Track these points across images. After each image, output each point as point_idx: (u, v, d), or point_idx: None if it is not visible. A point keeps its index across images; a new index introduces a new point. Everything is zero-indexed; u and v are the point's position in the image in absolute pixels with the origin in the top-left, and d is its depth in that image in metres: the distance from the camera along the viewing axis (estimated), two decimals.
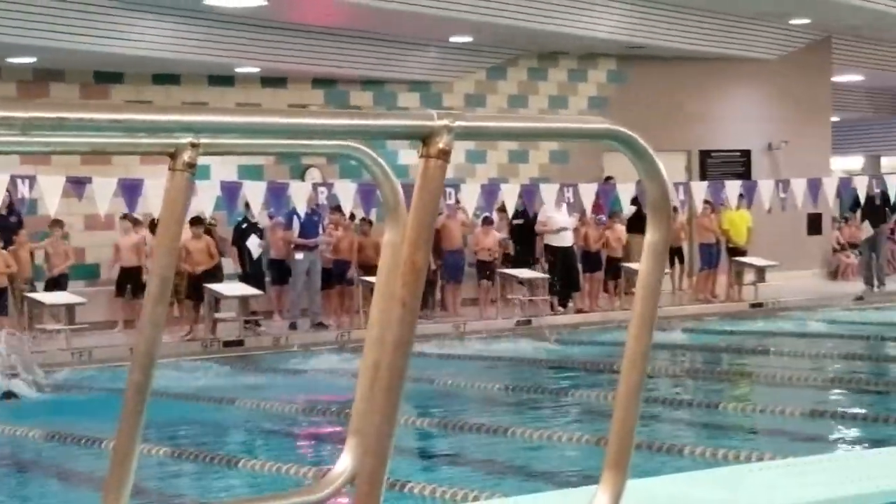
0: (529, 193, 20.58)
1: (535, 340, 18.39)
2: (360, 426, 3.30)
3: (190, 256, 18.73)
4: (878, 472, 4.82)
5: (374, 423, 2.47)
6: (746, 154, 27.04)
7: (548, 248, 21.61)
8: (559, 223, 21.29)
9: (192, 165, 2.84)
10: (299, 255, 19.68)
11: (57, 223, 18.66)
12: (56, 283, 18.65)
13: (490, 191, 20.26)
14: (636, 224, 23.28)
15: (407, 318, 2.52)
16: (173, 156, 2.78)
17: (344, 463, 3.22)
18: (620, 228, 22.35)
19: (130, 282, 19.01)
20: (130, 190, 16.73)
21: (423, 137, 2.59)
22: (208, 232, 19.43)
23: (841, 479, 4.26)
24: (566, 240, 21.51)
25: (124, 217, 18.86)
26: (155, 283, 2.83)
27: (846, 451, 9.47)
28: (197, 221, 18.58)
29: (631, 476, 2.85)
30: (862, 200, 24.61)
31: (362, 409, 3.39)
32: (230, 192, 17.88)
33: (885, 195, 23.82)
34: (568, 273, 21.59)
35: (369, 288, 17.28)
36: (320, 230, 19.97)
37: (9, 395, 14.04)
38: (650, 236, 2.87)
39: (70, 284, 19.03)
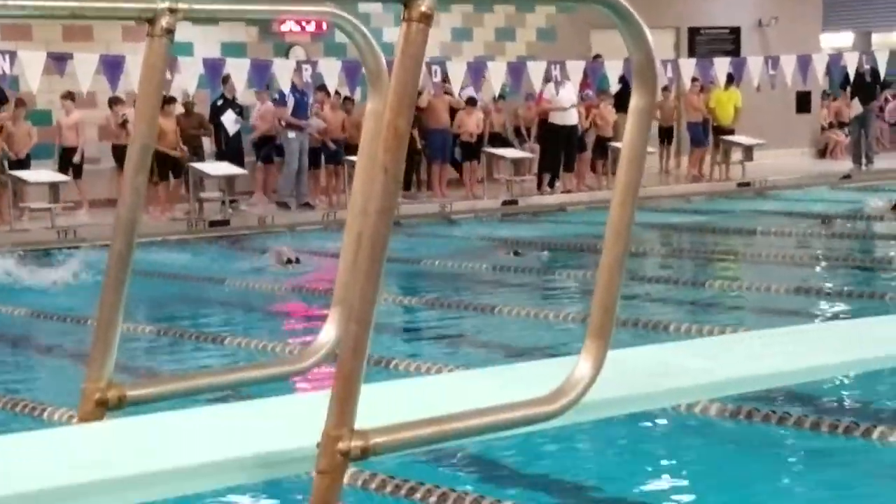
0: (516, 71, 20.43)
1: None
2: (344, 296, 3.31)
3: (163, 136, 18.63)
4: (856, 342, 4.86)
5: (358, 290, 2.46)
6: (736, 31, 26.83)
7: (551, 126, 21.44)
8: (566, 101, 21.15)
9: (170, 31, 2.80)
10: (292, 135, 19.56)
11: (21, 103, 18.34)
12: (20, 165, 18.30)
13: (476, 69, 20.11)
14: (624, 102, 23.18)
15: (389, 185, 2.50)
16: (152, 21, 2.74)
17: (328, 333, 3.23)
18: (608, 107, 22.24)
19: (70, 161, 18.76)
20: (112, 66, 16.56)
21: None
22: (188, 112, 19.27)
23: (820, 348, 4.30)
24: (572, 118, 21.39)
25: (66, 96, 18.49)
26: (135, 151, 2.80)
27: (826, 323, 9.53)
28: (170, 101, 18.37)
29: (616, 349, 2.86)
30: (851, 78, 24.47)
31: (346, 280, 3.39)
32: (213, 69, 17.72)
33: (875, 72, 23.71)
34: (567, 152, 21.51)
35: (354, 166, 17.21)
36: (308, 111, 19.86)
37: None
38: (635, 102, 2.85)
39: (50, 163, 18.81)
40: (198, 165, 18.56)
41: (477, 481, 6.37)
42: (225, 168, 18.89)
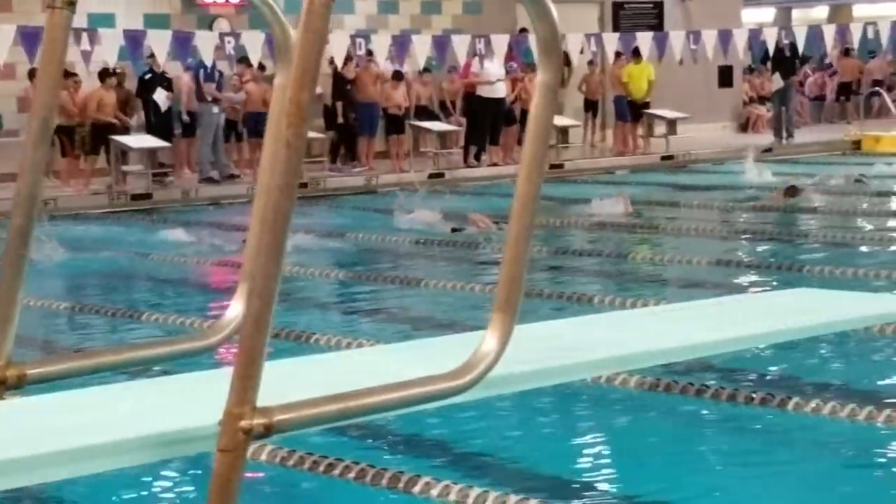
0: (441, 44, 20.38)
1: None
2: (252, 270, 3.27)
3: (102, 108, 18.45)
4: (772, 313, 4.90)
5: (260, 265, 2.44)
6: (659, 6, 26.91)
7: (478, 99, 21.41)
8: (493, 74, 21.14)
9: (71, 3, 2.75)
10: (216, 109, 19.41)
11: None
12: None
13: (401, 42, 20.04)
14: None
15: (292, 160, 2.47)
16: None
17: (235, 309, 3.20)
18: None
19: None
20: (30, 38, 16.31)
21: None
22: (120, 84, 19.08)
23: (737, 320, 4.33)
24: (499, 91, 21.39)
25: None
26: (35, 125, 2.75)
27: (744, 295, 9.62)
28: (107, 74, 18.22)
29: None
30: (772, 53, 24.67)
31: (254, 254, 3.35)
32: (133, 41, 17.51)
33: (794, 47, 23.91)
34: (494, 125, 21.51)
35: None
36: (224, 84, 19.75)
37: None
38: (541, 76, 2.84)
39: None
40: (120, 138, 18.36)
41: (402, 456, 6.37)
42: (147, 141, 18.71)
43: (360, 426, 6.34)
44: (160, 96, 19.32)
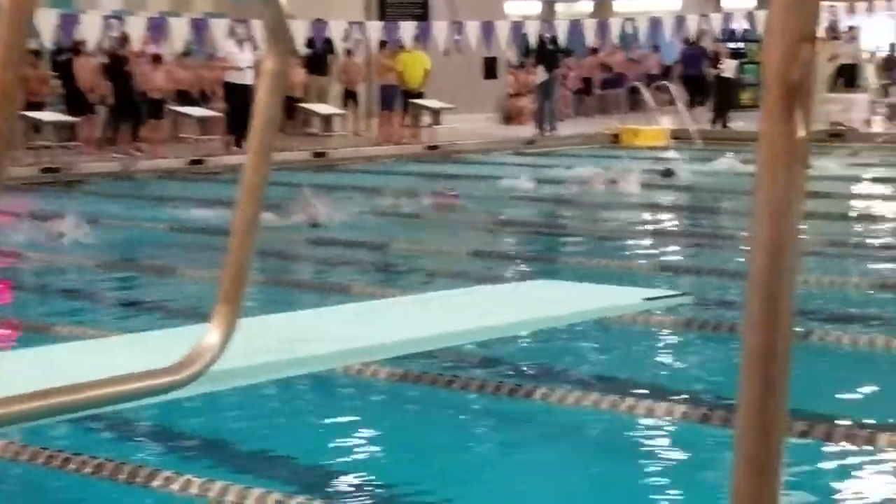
0: (199, 28, 20.07)
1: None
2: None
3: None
4: (529, 303, 4.96)
5: None
6: None
7: (227, 85, 21.20)
8: (242, 61, 20.91)
9: None
10: None
11: None
12: None
13: (157, 24, 19.64)
14: (314, 64, 23.15)
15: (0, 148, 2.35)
16: None
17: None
18: (298, 69, 22.12)
19: None
20: None
21: None
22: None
23: (478, 311, 4.36)
24: (247, 77, 21.17)
25: None
26: None
27: (501, 285, 9.76)
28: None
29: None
30: (534, 45, 25.09)
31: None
32: None
33: (556, 40, 24.38)
34: (244, 111, 21.27)
35: None
36: None
37: None
38: (268, 64, 2.75)
39: None
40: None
41: (158, 450, 6.23)
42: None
43: (110, 420, 6.19)
44: None
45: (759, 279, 1.22)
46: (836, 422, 6.23)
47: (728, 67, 26.08)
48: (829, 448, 5.92)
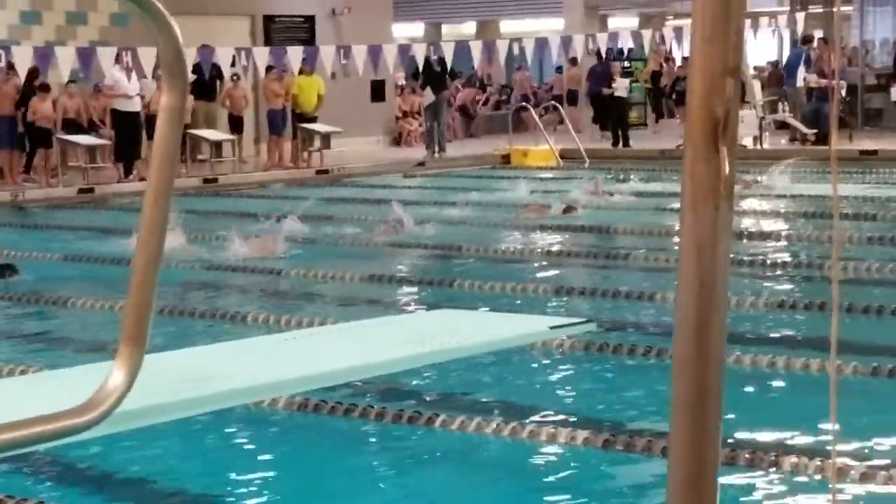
0: (86, 56, 19.81)
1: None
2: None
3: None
4: (426, 333, 4.93)
5: None
6: (310, 19, 27.05)
7: (114, 112, 20.95)
8: (130, 89, 20.67)
9: None
10: None
11: None
12: None
13: (43, 54, 19.35)
14: (202, 91, 22.95)
15: None
16: None
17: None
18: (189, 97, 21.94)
19: None
20: None
21: None
22: None
23: (380, 343, 4.33)
24: (135, 105, 20.94)
25: None
26: None
27: (398, 316, 9.72)
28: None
29: (199, 343, 2.71)
30: (421, 68, 25.13)
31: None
32: None
33: (443, 62, 24.44)
34: (133, 139, 21.05)
35: None
36: None
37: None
38: (166, 100, 2.70)
39: None
40: None
41: (55, 488, 6.10)
42: None
43: (5, 458, 6.04)
44: None
45: (687, 318, 1.19)
46: (741, 445, 6.25)
47: (621, 86, 26.33)
48: (734, 472, 5.90)
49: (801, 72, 25.29)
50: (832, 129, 20.44)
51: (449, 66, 24.83)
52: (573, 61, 28.52)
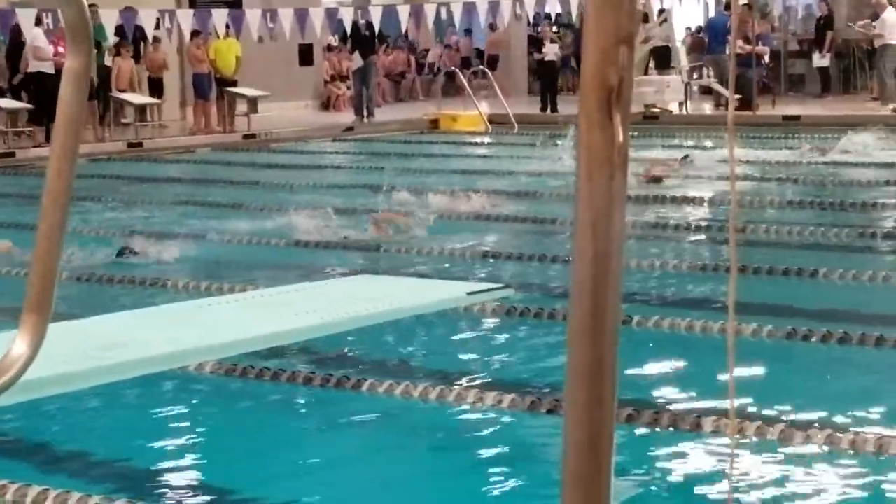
0: (5, 18, 19.50)
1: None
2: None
3: None
4: (332, 300, 4.90)
5: None
6: None
7: (33, 76, 20.66)
8: (50, 51, 20.39)
9: None
10: None
11: None
12: None
13: None
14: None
15: None
16: None
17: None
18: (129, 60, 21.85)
19: None
20: None
21: None
22: None
23: (300, 308, 4.30)
24: (53, 68, 20.65)
25: None
26: None
27: (329, 281, 9.67)
28: None
29: (107, 311, 2.66)
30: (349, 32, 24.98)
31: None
32: None
33: (371, 26, 24.31)
34: (51, 102, 20.77)
35: None
36: None
37: None
38: (70, 62, 2.66)
39: None
40: None
41: None
42: None
43: None
44: None
45: (583, 290, 1.17)
46: (662, 407, 6.32)
47: (550, 51, 26.30)
48: (657, 434, 5.97)
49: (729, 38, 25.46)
50: (730, 96, 20.59)
51: (377, 30, 24.71)
52: (491, 27, 28.63)
